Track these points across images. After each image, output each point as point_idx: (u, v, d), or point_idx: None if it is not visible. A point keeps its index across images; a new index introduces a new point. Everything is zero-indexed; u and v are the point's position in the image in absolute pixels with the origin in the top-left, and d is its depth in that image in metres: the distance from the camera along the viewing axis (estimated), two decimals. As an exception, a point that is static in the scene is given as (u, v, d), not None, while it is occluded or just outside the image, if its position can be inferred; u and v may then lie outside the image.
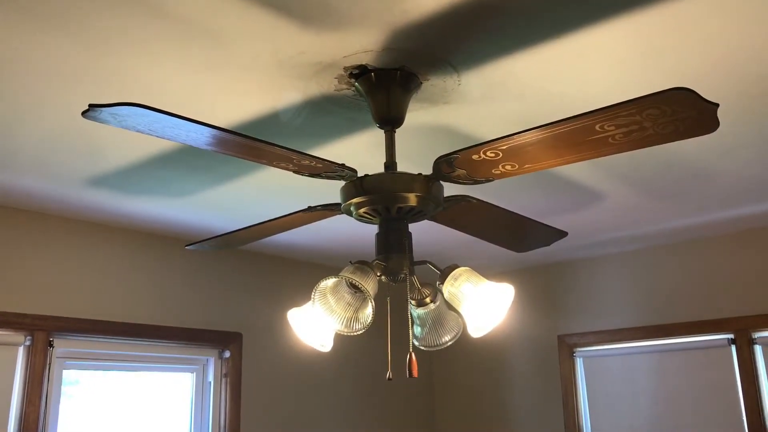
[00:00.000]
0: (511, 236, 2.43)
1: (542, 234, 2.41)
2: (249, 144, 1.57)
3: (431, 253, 3.98)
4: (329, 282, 1.67)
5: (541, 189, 2.98)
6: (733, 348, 3.68)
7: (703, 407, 3.74)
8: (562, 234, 2.41)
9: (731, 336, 3.70)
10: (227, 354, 3.80)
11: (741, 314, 3.67)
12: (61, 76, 1.91)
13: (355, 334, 1.67)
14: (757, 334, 3.63)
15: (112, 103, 1.32)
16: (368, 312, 1.64)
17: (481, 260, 4.28)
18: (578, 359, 4.27)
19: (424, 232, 3.03)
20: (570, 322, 4.33)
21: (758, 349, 3.62)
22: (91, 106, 1.33)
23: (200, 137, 1.49)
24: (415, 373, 1.64)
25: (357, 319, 1.67)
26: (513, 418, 4.49)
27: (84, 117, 1.37)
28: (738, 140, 2.48)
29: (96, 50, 1.78)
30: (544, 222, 3.38)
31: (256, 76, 1.94)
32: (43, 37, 1.71)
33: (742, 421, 3.59)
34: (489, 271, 4.62)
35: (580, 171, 2.77)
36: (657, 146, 1.57)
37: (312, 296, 1.66)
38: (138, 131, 1.47)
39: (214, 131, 1.45)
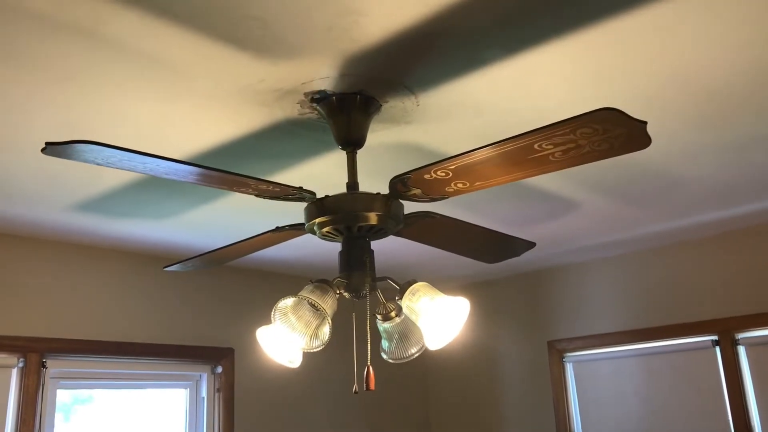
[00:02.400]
0: (479, 249, 2.48)
1: (510, 245, 2.47)
2: (205, 173, 1.64)
3: (414, 265, 4.03)
4: (288, 301, 1.74)
5: (517, 199, 3.04)
6: (718, 349, 3.72)
7: (690, 407, 3.78)
8: (531, 245, 2.46)
9: (715, 337, 3.74)
10: (220, 369, 3.87)
11: (724, 315, 3.71)
12: (32, 108, 1.99)
13: (315, 350, 1.74)
14: (740, 335, 3.67)
15: (67, 141, 1.39)
16: (326, 330, 1.71)
17: (467, 270, 4.33)
18: (568, 364, 4.32)
19: (406, 245, 3.09)
20: (559, 328, 4.38)
21: (742, 350, 3.66)
22: (48, 144, 1.40)
23: (156, 168, 1.56)
24: (372, 386, 1.70)
25: (316, 336, 1.73)
26: (505, 423, 4.53)
27: (43, 153, 1.44)
28: (699, 147, 2.53)
29: (64, 84, 1.85)
30: (527, 230, 3.45)
31: (219, 105, 2.02)
32: (11, 72, 1.79)
33: (728, 419, 3.62)
34: (475, 279, 4.67)
35: (553, 182, 2.82)
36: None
37: (272, 315, 1.73)
38: (97, 164, 1.54)
39: (168, 163, 1.52)
